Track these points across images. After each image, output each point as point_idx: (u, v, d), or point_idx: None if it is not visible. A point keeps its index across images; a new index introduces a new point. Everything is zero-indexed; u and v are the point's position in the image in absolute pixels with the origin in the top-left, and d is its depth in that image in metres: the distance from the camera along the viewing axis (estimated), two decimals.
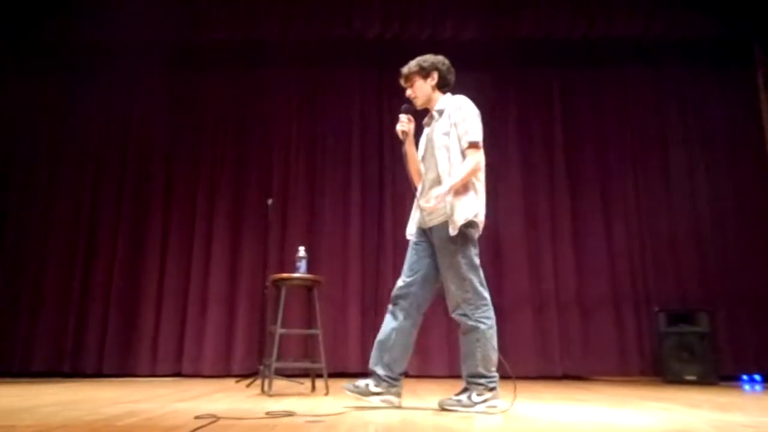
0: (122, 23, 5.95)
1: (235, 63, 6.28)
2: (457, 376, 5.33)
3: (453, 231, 2.60)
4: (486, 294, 2.68)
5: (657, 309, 5.40)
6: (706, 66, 6.17)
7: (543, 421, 2.38)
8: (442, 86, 2.88)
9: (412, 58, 6.77)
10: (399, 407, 2.72)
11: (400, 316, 2.75)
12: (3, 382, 4.72)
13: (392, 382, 2.74)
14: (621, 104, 6.18)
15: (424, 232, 2.79)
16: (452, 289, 2.66)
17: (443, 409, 2.64)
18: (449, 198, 2.62)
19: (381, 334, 2.77)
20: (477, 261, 2.67)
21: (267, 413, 2.43)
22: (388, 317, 2.79)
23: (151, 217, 5.92)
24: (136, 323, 5.65)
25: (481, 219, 2.71)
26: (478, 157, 2.68)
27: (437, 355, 5.53)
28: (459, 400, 2.62)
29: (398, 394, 2.76)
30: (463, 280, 2.62)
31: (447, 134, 2.72)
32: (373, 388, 2.71)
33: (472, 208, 2.65)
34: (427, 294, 2.82)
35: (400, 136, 2.83)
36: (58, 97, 6.20)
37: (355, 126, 6.11)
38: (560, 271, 5.78)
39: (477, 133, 2.70)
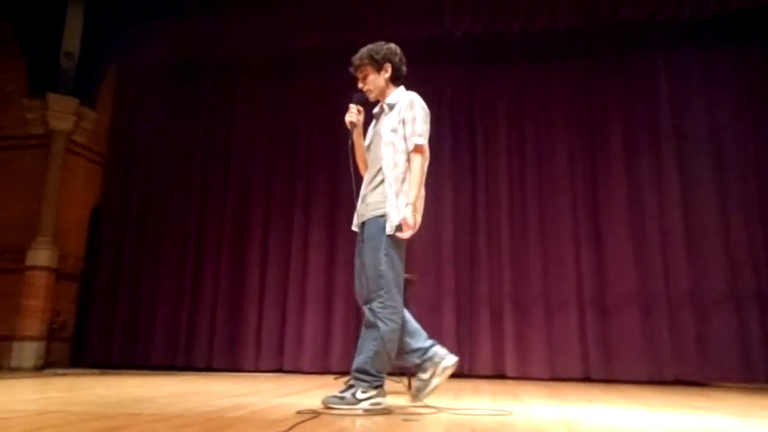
0: (222, 38, 6.37)
1: (326, 68, 6.46)
2: (560, 379, 5.18)
3: (390, 230, 2.55)
4: (398, 298, 2.57)
5: None
6: None
7: (655, 428, 2.22)
8: (396, 79, 2.80)
9: (503, 52, 6.63)
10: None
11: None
12: (128, 374, 5.17)
13: (426, 361, 2.61)
14: (738, 86, 5.63)
15: (360, 228, 2.71)
16: (366, 285, 2.56)
17: (326, 407, 2.47)
18: (391, 195, 2.57)
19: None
20: (400, 263, 2.60)
21: (365, 410, 2.46)
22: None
23: (252, 219, 6.24)
24: (241, 322, 5.98)
25: (417, 220, 2.62)
26: (421, 161, 2.63)
27: (538, 357, 5.35)
28: (343, 398, 2.48)
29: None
30: (380, 277, 2.53)
31: (395, 131, 2.65)
32: (423, 376, 2.61)
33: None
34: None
35: (348, 126, 2.74)
36: (167, 109, 6.71)
37: (445, 123, 6.05)
38: (671, 267, 5.37)
39: (424, 135, 2.66)
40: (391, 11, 6.00)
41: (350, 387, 2.55)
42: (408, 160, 2.63)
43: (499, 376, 5.37)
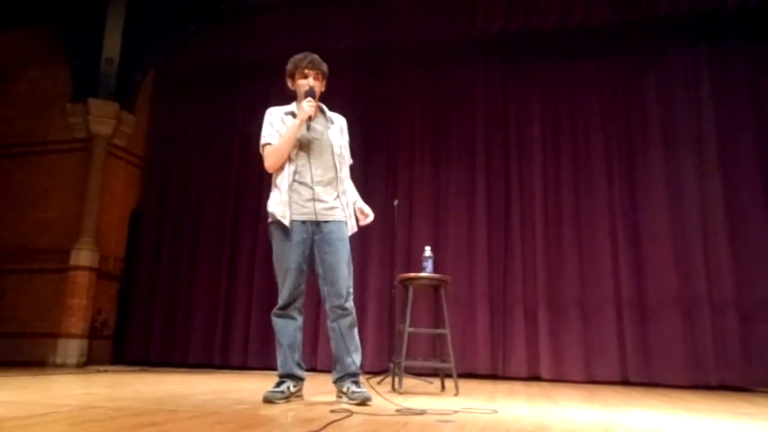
0: (257, 41, 6.48)
1: (359, 68, 6.49)
2: (597, 382, 5.06)
3: (351, 231, 2.94)
4: None
5: None
6: None
7: None
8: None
9: (538, 51, 6.51)
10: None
11: (296, 314, 2.97)
12: (166, 371, 5.29)
13: (303, 376, 2.99)
14: None
15: (306, 224, 2.88)
16: (346, 282, 2.86)
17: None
18: (346, 201, 2.95)
19: (286, 339, 2.94)
20: None
21: (398, 410, 2.45)
22: (283, 321, 2.96)
23: None
24: None
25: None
26: None
27: (574, 359, 5.25)
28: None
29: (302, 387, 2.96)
30: (350, 275, 2.90)
31: (342, 146, 2.95)
32: (293, 389, 2.88)
33: None
34: (304, 288, 2.98)
35: (306, 118, 2.82)
36: (203, 111, 6.86)
37: (479, 122, 6.01)
38: (713, 270, 5.18)
39: None
40: (423, 10, 5.99)
41: (356, 383, 2.78)
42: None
43: (534, 378, 5.29)
